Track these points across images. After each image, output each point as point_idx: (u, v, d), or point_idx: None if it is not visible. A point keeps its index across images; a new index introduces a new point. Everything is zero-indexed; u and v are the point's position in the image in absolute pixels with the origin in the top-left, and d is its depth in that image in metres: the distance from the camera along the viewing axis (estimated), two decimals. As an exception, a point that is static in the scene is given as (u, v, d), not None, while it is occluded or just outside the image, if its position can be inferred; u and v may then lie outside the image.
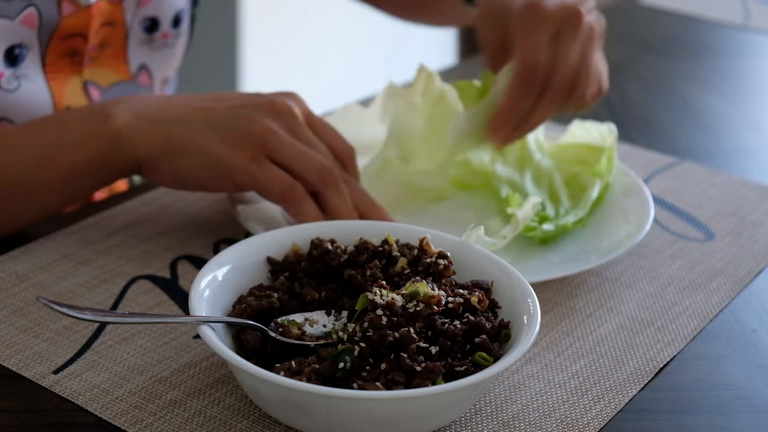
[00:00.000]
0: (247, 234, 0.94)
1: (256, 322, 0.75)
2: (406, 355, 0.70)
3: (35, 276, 0.89)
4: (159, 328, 0.83)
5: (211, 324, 0.72)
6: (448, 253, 0.80)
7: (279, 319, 0.76)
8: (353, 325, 0.73)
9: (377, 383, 0.69)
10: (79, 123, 0.90)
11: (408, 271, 0.79)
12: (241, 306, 0.77)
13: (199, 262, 0.92)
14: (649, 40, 1.56)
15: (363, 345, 0.70)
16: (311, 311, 0.78)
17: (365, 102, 1.19)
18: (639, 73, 1.43)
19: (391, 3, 1.34)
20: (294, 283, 0.80)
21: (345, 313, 0.77)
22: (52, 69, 1.01)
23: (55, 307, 0.72)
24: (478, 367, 0.71)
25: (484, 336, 0.73)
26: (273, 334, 0.74)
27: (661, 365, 0.82)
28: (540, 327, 0.78)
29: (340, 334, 0.73)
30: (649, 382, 0.80)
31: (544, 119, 0.98)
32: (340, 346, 0.71)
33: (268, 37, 2.81)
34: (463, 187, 1.01)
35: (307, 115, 0.92)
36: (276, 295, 0.78)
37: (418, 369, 0.70)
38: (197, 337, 0.82)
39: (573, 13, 0.96)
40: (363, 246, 0.81)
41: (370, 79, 2.70)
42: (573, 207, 0.99)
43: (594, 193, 1.00)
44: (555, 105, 0.97)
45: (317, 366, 0.70)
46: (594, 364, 0.81)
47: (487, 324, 0.74)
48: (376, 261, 0.79)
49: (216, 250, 0.94)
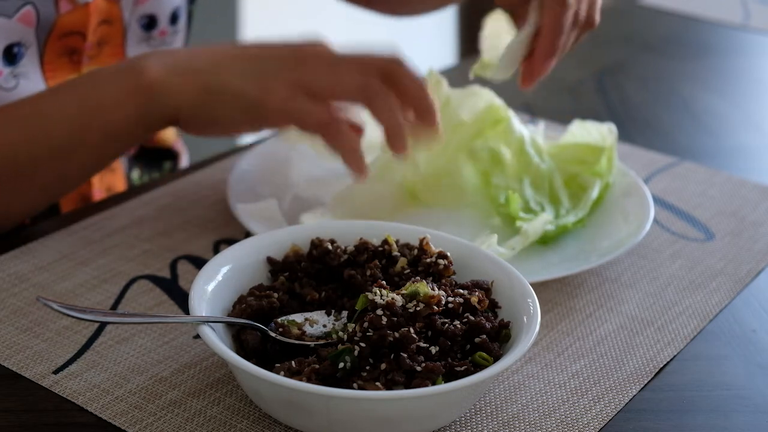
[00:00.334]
0: (247, 234, 0.94)
1: (256, 322, 0.75)
2: (406, 355, 0.70)
3: (35, 276, 0.89)
4: (159, 328, 0.83)
5: (211, 324, 0.72)
6: (448, 253, 0.80)
7: (279, 319, 0.76)
8: (353, 325, 0.73)
9: (377, 383, 0.69)
10: (113, 82, 0.91)
11: (408, 271, 0.79)
12: (241, 306, 0.77)
13: (199, 262, 0.92)
14: (649, 40, 1.56)
15: (363, 345, 0.70)
16: (311, 311, 0.78)
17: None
18: (639, 73, 1.43)
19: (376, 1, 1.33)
20: (294, 283, 0.80)
21: (345, 313, 0.77)
22: (50, 67, 1.01)
23: (55, 307, 0.72)
24: (478, 367, 0.71)
25: (484, 336, 0.73)
26: (273, 334, 0.74)
27: (661, 365, 0.82)
28: (540, 327, 0.78)
29: (340, 334, 0.73)
30: (649, 382, 0.80)
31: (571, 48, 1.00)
32: (340, 346, 0.71)
33: (268, 36, 2.80)
34: (458, 200, 1.00)
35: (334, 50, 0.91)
36: (276, 295, 0.78)
37: (418, 369, 0.70)
38: (197, 337, 0.82)
39: None
40: (363, 246, 0.81)
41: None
42: (573, 207, 0.99)
43: (594, 193, 1.00)
44: (581, 33, 0.99)
45: (317, 366, 0.70)
46: (594, 364, 0.81)
47: (487, 324, 0.74)
48: (376, 261, 0.79)
49: (216, 250, 0.94)
